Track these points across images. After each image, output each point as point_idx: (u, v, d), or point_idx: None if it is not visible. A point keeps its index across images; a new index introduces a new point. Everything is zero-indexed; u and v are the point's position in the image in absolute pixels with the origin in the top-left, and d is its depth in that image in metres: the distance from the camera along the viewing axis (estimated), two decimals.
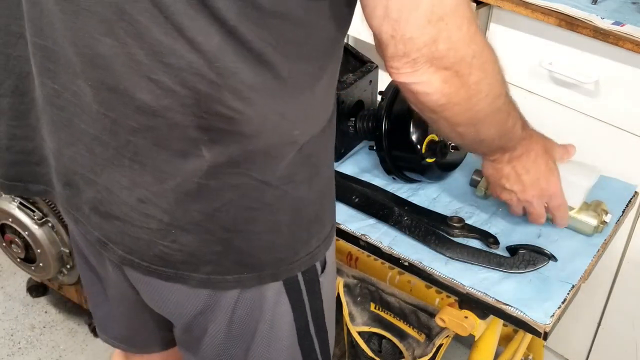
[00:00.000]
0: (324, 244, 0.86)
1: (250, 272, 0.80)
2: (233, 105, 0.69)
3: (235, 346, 0.89)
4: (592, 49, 1.31)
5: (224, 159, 0.73)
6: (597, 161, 1.14)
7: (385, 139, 1.12)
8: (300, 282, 0.85)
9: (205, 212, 0.76)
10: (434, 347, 1.15)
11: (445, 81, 0.74)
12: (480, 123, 0.84)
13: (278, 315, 0.86)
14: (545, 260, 1.02)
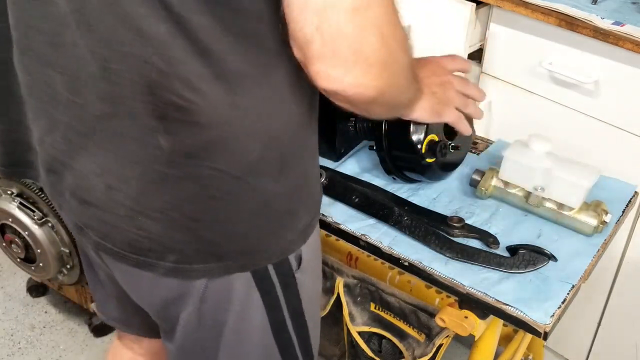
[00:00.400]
0: (299, 238, 0.86)
1: (217, 262, 0.81)
2: (184, 95, 0.70)
3: (208, 337, 0.90)
4: (592, 49, 1.31)
5: (181, 149, 0.74)
6: (597, 161, 1.14)
7: (385, 139, 1.12)
8: (272, 276, 0.85)
9: (168, 201, 0.77)
10: (434, 347, 1.15)
11: (377, 77, 0.70)
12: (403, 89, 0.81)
13: (248, 309, 0.87)
14: (545, 260, 1.02)
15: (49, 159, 0.85)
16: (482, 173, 1.15)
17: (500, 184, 1.13)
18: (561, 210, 1.08)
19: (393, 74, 0.73)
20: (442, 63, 1.04)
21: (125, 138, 0.75)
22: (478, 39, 1.48)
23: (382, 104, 0.77)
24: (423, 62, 1.01)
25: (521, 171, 1.09)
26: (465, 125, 1.06)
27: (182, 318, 0.89)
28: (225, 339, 0.90)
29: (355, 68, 0.67)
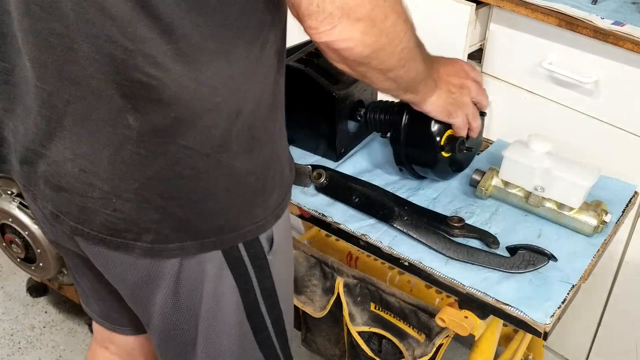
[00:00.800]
0: (270, 217, 0.88)
1: (192, 240, 0.83)
2: (149, 72, 0.72)
3: (185, 320, 0.92)
4: (592, 49, 1.31)
5: (150, 127, 0.75)
6: (597, 161, 1.14)
7: (404, 128, 1.11)
8: (244, 257, 0.87)
9: (140, 180, 0.78)
10: (434, 347, 1.15)
11: (365, 32, 0.75)
12: (408, 61, 0.85)
13: (222, 290, 0.89)
14: (545, 260, 1.02)
15: (22, 149, 0.86)
16: (482, 173, 1.15)
17: (500, 184, 1.13)
18: (561, 210, 1.09)
19: (383, 33, 0.77)
20: (466, 68, 1.07)
21: (95, 120, 0.76)
22: (478, 39, 1.48)
23: (377, 68, 0.81)
24: (447, 61, 1.05)
25: (521, 171, 1.09)
26: (464, 133, 1.08)
27: (157, 301, 0.90)
28: (202, 321, 0.91)
29: (342, 22, 0.72)
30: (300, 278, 1.32)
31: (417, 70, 0.89)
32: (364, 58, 0.78)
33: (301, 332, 1.46)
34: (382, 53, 0.79)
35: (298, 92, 1.20)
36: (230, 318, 0.92)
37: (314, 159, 1.26)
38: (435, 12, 1.46)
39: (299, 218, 1.20)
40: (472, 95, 1.06)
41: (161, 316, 0.92)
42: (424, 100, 1.01)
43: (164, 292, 0.89)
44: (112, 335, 1.22)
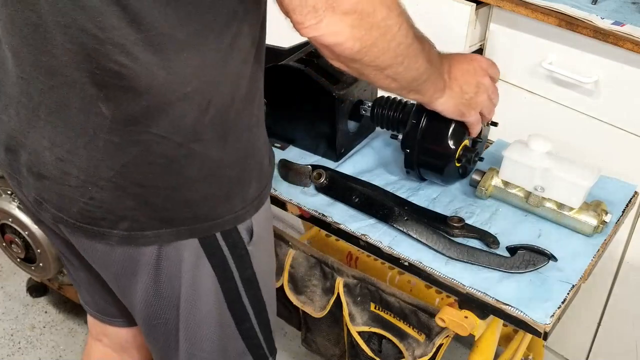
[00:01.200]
0: (251, 206, 0.89)
1: (167, 228, 0.84)
2: (119, 60, 0.73)
3: (167, 308, 0.93)
4: (592, 49, 1.31)
5: (122, 116, 0.76)
6: (597, 161, 1.14)
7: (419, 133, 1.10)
8: (223, 247, 0.88)
9: (115, 168, 0.79)
10: (434, 347, 1.15)
11: (353, 26, 0.74)
12: (405, 58, 0.84)
13: (199, 278, 0.90)
14: (545, 260, 1.02)
15: (6, 137, 0.87)
16: (482, 173, 1.15)
17: (500, 184, 1.13)
18: (561, 210, 1.08)
19: (374, 27, 0.76)
20: (485, 65, 1.04)
21: (70, 109, 0.77)
22: (478, 39, 1.48)
23: (372, 65, 0.81)
24: (463, 58, 1.03)
25: (521, 171, 1.09)
26: (478, 129, 1.08)
27: (139, 289, 0.91)
28: (182, 309, 0.92)
29: (327, 15, 0.72)
30: (300, 278, 1.32)
31: (418, 68, 0.88)
32: (355, 53, 0.77)
33: (301, 332, 1.46)
34: (374, 48, 0.78)
35: (298, 92, 1.21)
36: (209, 307, 0.93)
37: (314, 159, 1.26)
38: (435, 12, 1.46)
39: (299, 218, 1.20)
40: (489, 94, 1.05)
41: (144, 304, 0.94)
42: (433, 101, 1.00)
43: (145, 280, 0.90)
44: (106, 328, 1.23)
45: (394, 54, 0.82)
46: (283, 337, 1.91)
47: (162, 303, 0.93)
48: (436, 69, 0.94)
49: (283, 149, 1.28)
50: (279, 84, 1.22)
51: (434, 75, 0.94)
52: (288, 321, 1.49)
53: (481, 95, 1.03)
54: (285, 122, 1.27)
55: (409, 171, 1.17)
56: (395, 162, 1.19)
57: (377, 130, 1.33)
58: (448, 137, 1.08)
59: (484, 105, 1.05)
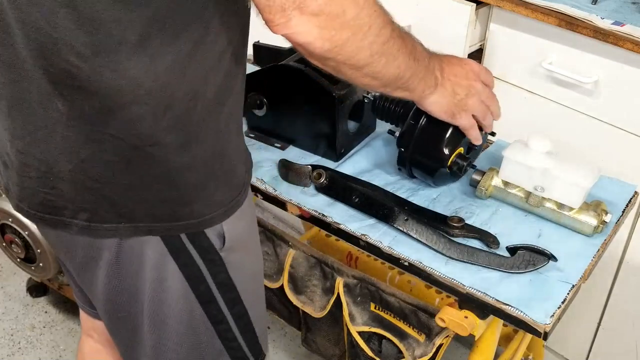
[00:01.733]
0: (219, 213, 0.88)
1: (126, 223, 0.84)
2: (70, 60, 0.73)
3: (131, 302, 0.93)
4: (592, 49, 1.31)
5: (77, 113, 0.77)
6: (597, 161, 1.14)
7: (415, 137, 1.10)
8: (190, 249, 0.88)
9: (73, 162, 0.80)
10: (434, 347, 1.15)
11: (322, 26, 0.74)
12: (382, 56, 0.84)
13: (165, 276, 0.90)
14: (545, 260, 1.02)
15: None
16: (482, 173, 1.15)
17: (500, 184, 1.13)
18: (561, 210, 1.08)
19: (344, 26, 0.76)
20: (477, 70, 1.04)
21: (29, 103, 0.78)
22: (478, 39, 1.48)
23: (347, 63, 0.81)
24: (456, 60, 1.03)
25: (521, 171, 1.09)
26: (476, 134, 1.07)
27: (100, 282, 0.92)
28: (147, 304, 0.92)
29: (295, 15, 0.73)
30: (300, 278, 1.32)
31: (399, 66, 0.87)
32: (326, 52, 0.78)
33: (301, 332, 1.46)
34: (346, 48, 0.78)
35: (298, 92, 1.21)
36: (179, 304, 0.93)
37: (314, 159, 1.26)
38: (435, 12, 1.46)
39: (299, 218, 1.20)
40: (482, 98, 1.04)
41: (106, 297, 0.94)
42: (423, 99, 1.00)
43: (105, 273, 0.90)
44: (95, 323, 1.23)
45: (369, 53, 0.81)
46: (283, 337, 1.91)
47: (125, 297, 0.93)
48: (423, 66, 0.93)
49: (283, 149, 1.28)
50: (279, 84, 1.22)
51: (420, 72, 0.93)
52: (288, 321, 1.49)
53: (472, 98, 1.03)
54: (285, 122, 1.27)
55: (401, 168, 1.17)
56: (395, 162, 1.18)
57: (377, 130, 1.33)
58: (443, 143, 1.08)
59: (475, 109, 1.04)
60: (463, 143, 1.11)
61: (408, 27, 1.51)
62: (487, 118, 1.07)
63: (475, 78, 1.03)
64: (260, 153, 1.27)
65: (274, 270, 1.37)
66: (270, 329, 1.93)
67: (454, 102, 1.02)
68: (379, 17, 0.80)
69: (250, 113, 1.29)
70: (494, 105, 1.08)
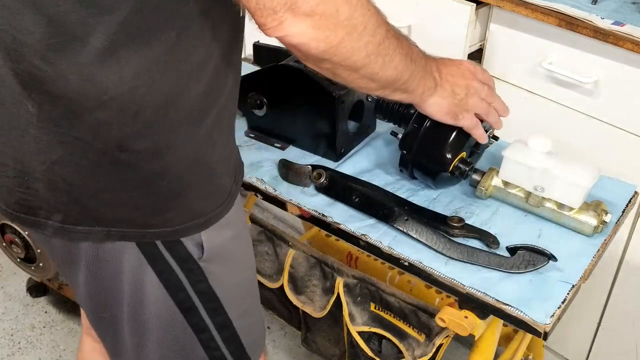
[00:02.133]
0: (195, 225, 0.87)
1: (99, 226, 0.84)
2: (34, 63, 0.73)
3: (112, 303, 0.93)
4: (592, 49, 1.31)
5: (45, 116, 0.76)
6: (597, 161, 1.14)
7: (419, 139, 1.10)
8: (167, 256, 0.87)
9: (46, 163, 0.80)
10: (434, 347, 1.15)
11: (316, 27, 0.73)
12: (379, 57, 0.83)
13: (143, 282, 0.89)
14: (545, 260, 1.02)
15: None
16: (482, 173, 1.15)
17: (500, 184, 1.13)
18: (561, 210, 1.08)
19: (339, 27, 0.75)
20: (473, 69, 1.04)
21: (4, 103, 0.78)
22: (478, 39, 1.48)
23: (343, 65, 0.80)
24: (451, 62, 1.03)
25: (521, 171, 1.09)
26: (481, 133, 1.07)
27: (81, 282, 0.92)
28: (127, 306, 0.92)
29: (287, 17, 0.71)
30: (300, 278, 1.32)
31: (396, 67, 0.87)
32: (321, 53, 0.77)
33: (301, 332, 1.46)
34: (342, 48, 0.77)
35: (298, 92, 1.21)
36: (158, 310, 0.92)
37: (314, 159, 1.26)
38: (435, 12, 1.46)
39: (299, 218, 1.20)
40: (482, 96, 1.04)
41: (88, 297, 0.94)
42: (423, 101, 0.99)
43: (85, 274, 0.90)
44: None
45: (365, 53, 0.80)
46: (283, 337, 1.91)
47: (106, 298, 0.93)
48: (420, 67, 0.92)
49: (283, 149, 1.28)
50: (279, 84, 1.22)
51: (418, 74, 0.92)
52: (288, 321, 1.50)
53: (472, 97, 1.03)
54: (285, 122, 1.27)
55: (402, 170, 1.17)
56: (395, 163, 1.19)
57: (377, 130, 1.33)
58: (446, 147, 1.08)
59: (477, 107, 1.04)
60: (466, 147, 1.11)
61: (408, 27, 1.52)
62: (491, 115, 1.07)
63: (472, 77, 1.03)
64: (260, 153, 1.27)
65: (274, 270, 1.37)
66: (270, 329, 1.93)
67: (454, 103, 1.02)
68: (373, 17, 0.79)
69: (250, 113, 1.29)
70: (497, 102, 1.07)
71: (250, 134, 1.32)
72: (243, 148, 1.28)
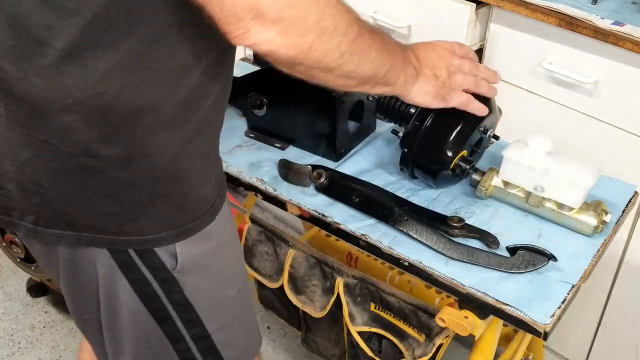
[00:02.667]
0: (169, 236, 0.85)
1: (69, 230, 0.83)
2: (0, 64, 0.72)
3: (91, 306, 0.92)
4: (592, 49, 1.31)
5: (13, 117, 0.76)
6: (597, 161, 1.14)
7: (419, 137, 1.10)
8: (140, 265, 0.86)
9: (16, 164, 0.79)
10: (434, 347, 1.15)
11: (284, 33, 0.71)
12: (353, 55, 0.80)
13: (116, 290, 0.87)
14: (545, 260, 1.02)
15: None
16: (482, 173, 1.15)
17: (500, 184, 1.13)
18: (561, 210, 1.09)
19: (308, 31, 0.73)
20: (450, 47, 1.02)
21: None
22: (478, 39, 1.48)
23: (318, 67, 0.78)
24: (426, 45, 1.01)
25: (521, 171, 1.09)
26: (477, 106, 1.05)
27: (62, 285, 0.91)
28: (103, 311, 0.91)
29: (254, 25, 0.69)
30: (300, 278, 1.32)
31: (373, 61, 0.84)
32: (292, 59, 0.75)
33: (301, 332, 1.46)
34: (313, 52, 0.75)
35: (298, 92, 1.21)
36: (132, 319, 0.91)
37: (314, 159, 1.26)
38: (435, 12, 1.46)
39: (299, 218, 1.20)
40: (466, 71, 1.02)
41: (70, 299, 0.94)
42: (407, 91, 0.96)
43: (63, 277, 0.89)
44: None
45: (338, 54, 0.78)
46: (283, 337, 1.91)
47: (85, 302, 0.92)
48: (398, 58, 0.90)
49: (283, 149, 1.28)
50: (279, 84, 1.22)
51: (397, 64, 0.90)
52: (288, 321, 1.50)
53: (455, 75, 1.01)
54: (285, 122, 1.27)
55: (403, 168, 1.17)
56: (395, 162, 1.19)
57: (377, 130, 1.33)
58: (447, 145, 1.08)
59: (464, 83, 1.02)
60: (467, 146, 1.11)
61: (408, 27, 1.52)
62: (480, 86, 1.05)
63: (451, 55, 1.01)
64: (260, 153, 1.27)
65: (274, 270, 1.37)
66: (270, 329, 1.93)
67: (439, 85, 0.99)
68: (343, 17, 0.77)
69: (250, 113, 1.29)
70: (484, 72, 1.05)
71: (250, 134, 1.32)
72: (243, 148, 1.28)
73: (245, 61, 1.56)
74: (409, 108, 1.16)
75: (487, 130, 1.16)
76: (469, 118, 1.08)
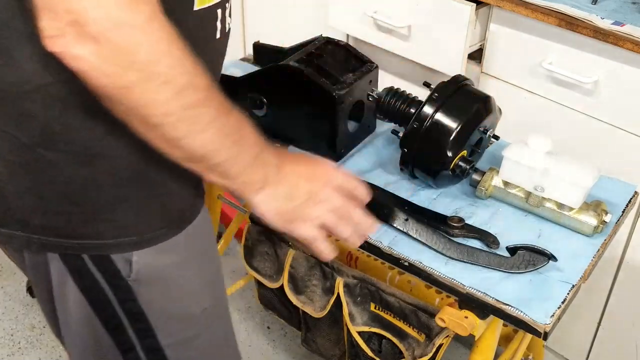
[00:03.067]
0: (126, 243, 0.80)
1: (22, 232, 0.79)
2: None
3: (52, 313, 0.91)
4: (592, 49, 1.31)
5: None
6: (597, 161, 1.14)
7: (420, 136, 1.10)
8: (93, 271, 0.81)
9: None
10: (434, 347, 1.15)
11: (101, 56, 0.61)
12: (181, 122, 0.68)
13: (67, 295, 0.84)
14: (545, 260, 1.02)
15: None
16: (482, 173, 1.15)
17: (500, 184, 1.13)
18: (561, 210, 1.09)
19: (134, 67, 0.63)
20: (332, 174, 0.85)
21: None
22: (478, 39, 1.48)
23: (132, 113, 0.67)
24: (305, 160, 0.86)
25: (521, 171, 1.09)
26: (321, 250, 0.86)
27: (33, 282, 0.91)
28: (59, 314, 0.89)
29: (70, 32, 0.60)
30: (300, 278, 1.32)
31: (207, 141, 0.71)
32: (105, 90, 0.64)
33: (301, 332, 1.46)
34: (131, 95, 0.64)
35: (298, 92, 1.21)
36: (81, 322, 0.87)
37: None
38: (435, 12, 1.46)
39: None
40: (332, 207, 0.83)
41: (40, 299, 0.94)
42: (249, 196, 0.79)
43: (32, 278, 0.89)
44: None
45: (164, 111, 0.66)
46: (283, 337, 1.91)
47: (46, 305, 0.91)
48: (247, 154, 0.76)
49: None
50: (279, 84, 1.22)
51: (240, 161, 0.75)
52: (288, 321, 1.50)
53: (315, 206, 0.82)
54: (285, 122, 1.27)
55: (403, 168, 1.17)
56: (395, 162, 1.19)
57: (377, 130, 1.33)
58: (447, 145, 1.08)
59: (321, 218, 0.83)
60: (467, 146, 1.11)
61: (408, 27, 1.52)
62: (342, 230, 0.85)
63: (325, 183, 0.83)
64: None
65: (274, 270, 1.37)
66: (270, 329, 1.93)
67: (289, 207, 0.81)
68: (184, 77, 0.66)
69: (250, 113, 1.29)
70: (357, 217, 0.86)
71: None
72: None
73: (245, 61, 1.56)
74: (409, 108, 1.16)
75: (487, 130, 1.16)
76: (469, 118, 1.09)
